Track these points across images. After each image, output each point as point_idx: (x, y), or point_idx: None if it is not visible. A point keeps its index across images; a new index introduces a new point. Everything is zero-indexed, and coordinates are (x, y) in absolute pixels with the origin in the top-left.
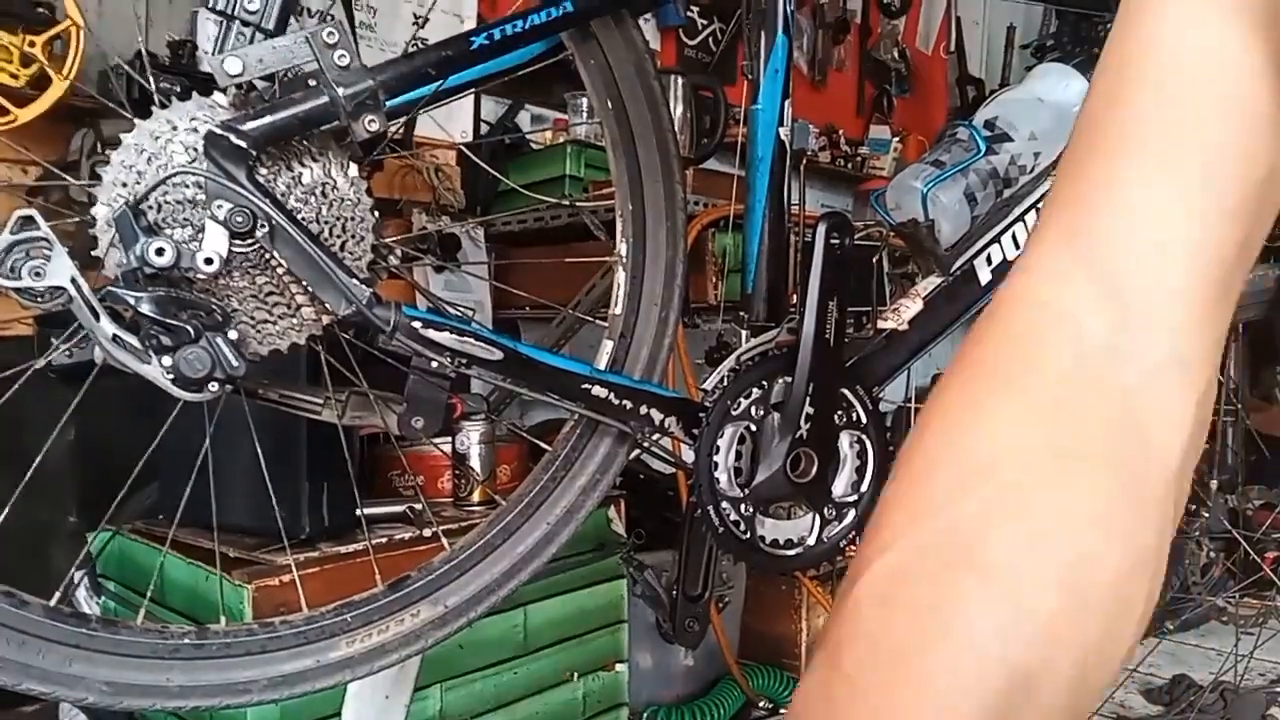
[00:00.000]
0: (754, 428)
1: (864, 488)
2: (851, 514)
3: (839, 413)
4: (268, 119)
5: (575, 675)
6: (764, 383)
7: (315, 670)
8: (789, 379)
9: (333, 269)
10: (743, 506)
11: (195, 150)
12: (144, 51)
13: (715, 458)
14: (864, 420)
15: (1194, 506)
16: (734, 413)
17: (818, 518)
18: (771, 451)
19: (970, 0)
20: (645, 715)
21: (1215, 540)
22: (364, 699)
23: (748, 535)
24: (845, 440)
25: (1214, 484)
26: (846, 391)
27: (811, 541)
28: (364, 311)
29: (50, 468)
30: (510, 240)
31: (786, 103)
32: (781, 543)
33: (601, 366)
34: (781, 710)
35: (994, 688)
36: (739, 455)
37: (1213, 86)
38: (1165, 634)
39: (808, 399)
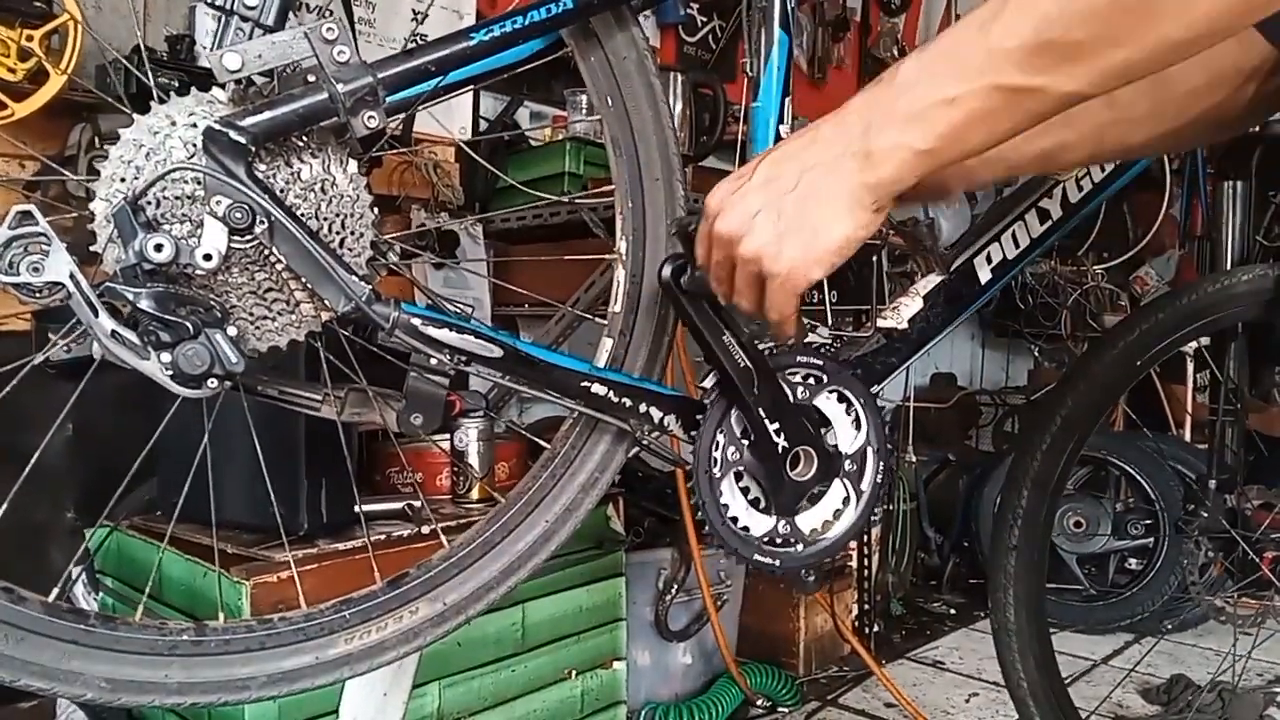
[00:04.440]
0: (742, 469)
1: (864, 424)
2: (869, 453)
3: (797, 390)
4: (266, 115)
5: (573, 673)
6: (719, 431)
7: (314, 667)
8: (738, 413)
9: (332, 265)
10: (780, 527)
11: (194, 146)
12: (142, 46)
13: (729, 515)
14: (824, 374)
15: (1192, 506)
16: (717, 473)
17: (843, 482)
18: (770, 478)
19: None
20: (643, 713)
21: (1214, 540)
22: (362, 696)
23: (799, 544)
24: (822, 403)
25: (1212, 484)
26: (791, 371)
27: (852, 499)
28: (363, 308)
29: (48, 464)
30: (509, 237)
31: (787, 100)
32: (822, 524)
33: (601, 364)
34: (780, 709)
35: None
36: (746, 491)
37: None
38: (1164, 634)
39: (766, 421)
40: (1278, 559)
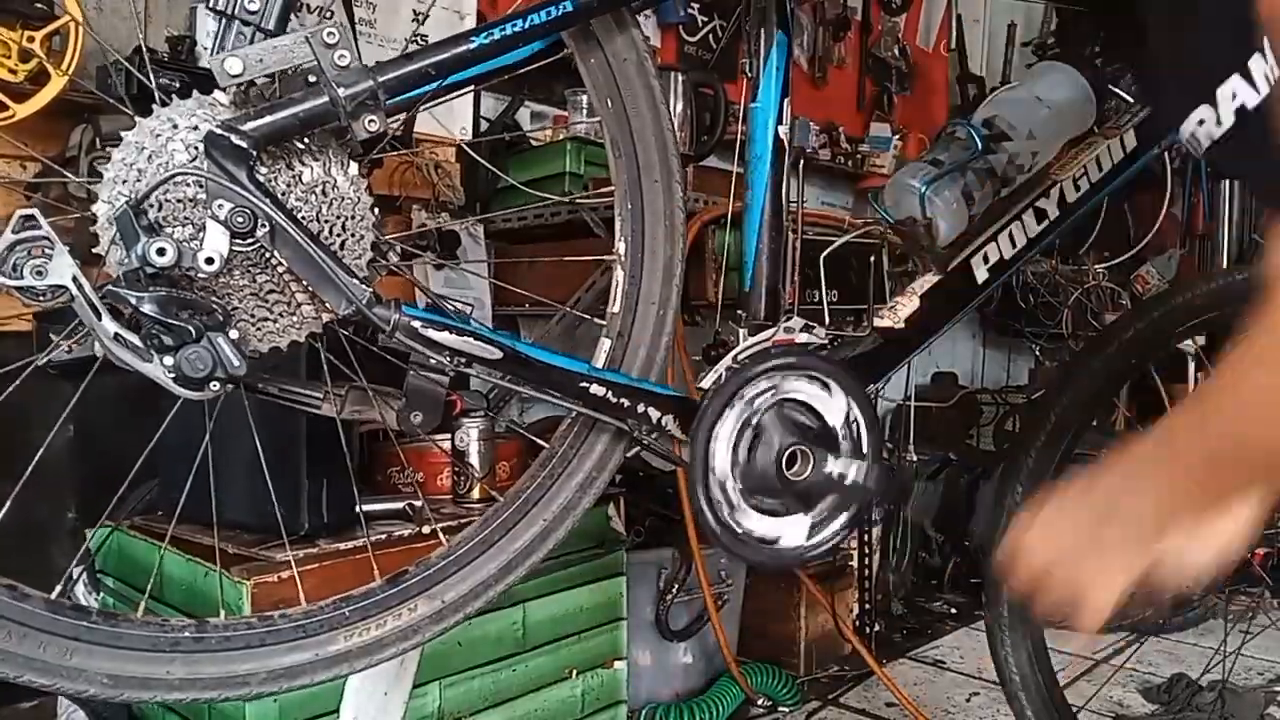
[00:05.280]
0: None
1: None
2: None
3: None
4: (268, 119)
5: (574, 673)
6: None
7: (313, 664)
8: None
9: (332, 268)
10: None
11: (196, 149)
12: (143, 47)
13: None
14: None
15: None
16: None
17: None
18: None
19: None
20: (644, 713)
21: None
22: (363, 695)
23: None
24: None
25: None
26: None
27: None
28: (364, 311)
29: (49, 464)
30: (510, 237)
31: (786, 100)
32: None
33: (600, 365)
34: (780, 709)
35: None
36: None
37: None
38: (1155, 631)
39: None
40: (1267, 555)
